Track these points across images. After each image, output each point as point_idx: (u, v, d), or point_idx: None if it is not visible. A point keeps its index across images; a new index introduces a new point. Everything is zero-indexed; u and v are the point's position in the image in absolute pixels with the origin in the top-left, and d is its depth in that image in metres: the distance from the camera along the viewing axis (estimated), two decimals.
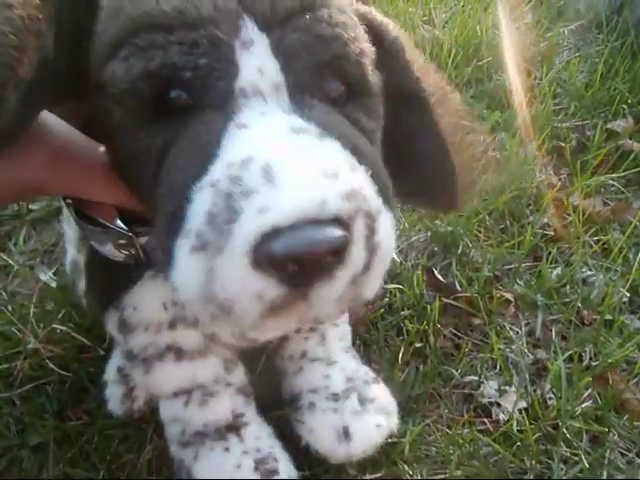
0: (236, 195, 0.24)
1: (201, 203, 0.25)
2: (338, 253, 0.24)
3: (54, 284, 0.60)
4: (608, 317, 0.66)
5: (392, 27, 0.35)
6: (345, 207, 0.24)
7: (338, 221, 0.24)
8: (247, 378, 0.48)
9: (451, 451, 0.51)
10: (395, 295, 0.65)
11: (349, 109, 0.30)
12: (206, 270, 0.24)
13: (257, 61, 0.27)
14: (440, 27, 1.18)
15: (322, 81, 0.29)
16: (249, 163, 0.24)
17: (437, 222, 0.75)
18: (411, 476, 0.49)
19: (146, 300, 0.41)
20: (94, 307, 0.48)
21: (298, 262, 0.23)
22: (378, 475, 0.48)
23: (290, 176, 0.24)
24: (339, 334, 0.52)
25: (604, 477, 0.52)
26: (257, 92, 0.27)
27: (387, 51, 0.34)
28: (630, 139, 0.91)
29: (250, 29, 0.27)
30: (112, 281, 0.41)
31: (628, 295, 0.69)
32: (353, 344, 0.60)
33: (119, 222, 0.35)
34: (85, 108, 0.31)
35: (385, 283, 0.66)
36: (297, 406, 0.49)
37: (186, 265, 0.25)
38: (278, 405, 0.51)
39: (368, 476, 0.48)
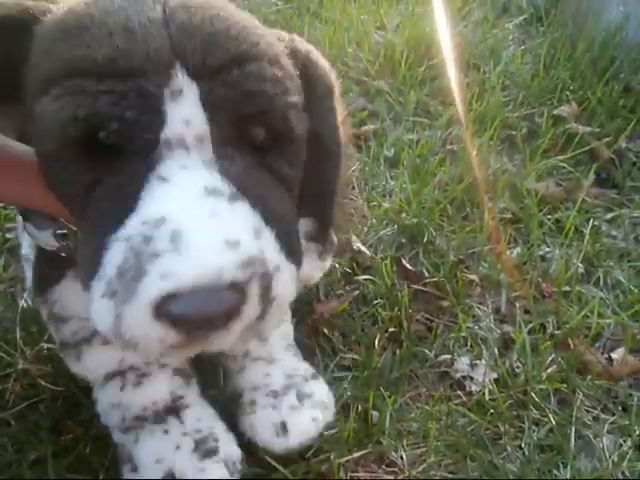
0: (145, 256, 0.27)
1: (114, 255, 0.28)
2: (230, 313, 0.28)
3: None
4: (566, 288, 0.71)
5: (328, 71, 0.38)
6: (240, 275, 0.27)
7: (234, 286, 0.27)
8: (186, 361, 0.50)
9: (430, 425, 0.54)
10: (368, 287, 0.69)
11: (271, 156, 0.32)
12: (115, 314, 0.28)
13: (184, 112, 0.29)
14: (392, 31, 1.24)
15: (247, 131, 0.31)
16: (161, 225, 0.27)
17: (403, 215, 0.80)
18: (395, 451, 0.52)
19: (71, 298, 0.43)
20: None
21: (193, 321, 0.27)
22: (364, 451, 0.51)
23: (194, 245, 0.27)
24: (281, 333, 0.54)
25: (572, 434, 0.56)
26: (181, 143, 0.29)
27: (317, 95, 0.37)
28: (575, 123, 0.97)
29: (180, 79, 0.28)
30: (43, 274, 0.44)
31: (583, 267, 0.74)
32: (331, 336, 0.63)
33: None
34: (18, 112, 0.33)
35: (357, 276, 0.70)
36: (239, 403, 0.51)
37: (99, 306, 0.29)
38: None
39: (355, 454, 0.51)
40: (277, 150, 0.32)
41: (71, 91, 0.28)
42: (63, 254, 0.39)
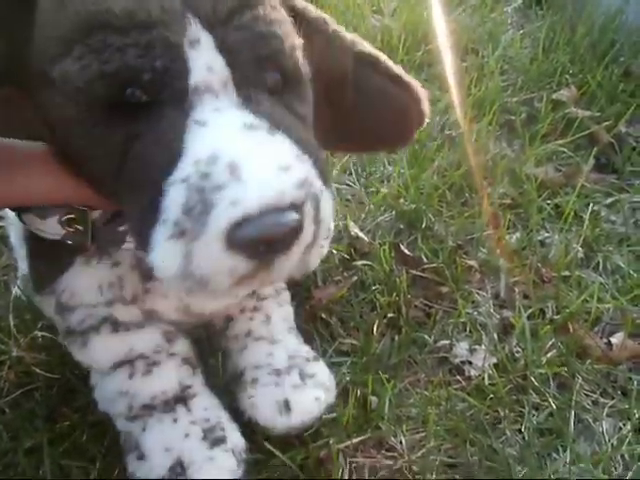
0: (208, 190, 0.27)
1: (176, 196, 0.28)
2: (295, 231, 0.29)
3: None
4: (566, 273, 0.70)
5: (314, 8, 0.40)
6: (298, 195, 0.29)
7: (294, 206, 0.29)
8: (192, 350, 0.49)
9: (429, 410, 0.54)
10: (366, 273, 0.68)
11: (286, 98, 0.33)
12: (184, 253, 0.28)
13: (205, 59, 0.29)
14: (389, 16, 1.22)
15: (263, 73, 0.32)
16: (215, 160, 0.28)
17: (401, 201, 0.79)
18: (394, 436, 0.52)
19: (80, 285, 0.42)
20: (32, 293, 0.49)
21: (266, 242, 0.28)
22: (363, 437, 0.51)
23: (253, 172, 0.28)
24: (283, 315, 0.54)
25: (572, 418, 0.56)
26: (209, 89, 0.30)
27: (316, 28, 0.39)
28: (575, 107, 0.97)
29: (195, 28, 0.29)
30: (44, 267, 0.43)
31: (582, 251, 0.73)
32: (330, 322, 0.63)
33: None
34: (15, 102, 0.32)
35: (355, 261, 0.69)
36: (240, 382, 0.50)
37: (165, 249, 0.29)
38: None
39: (354, 439, 0.51)
40: (290, 91, 0.34)
41: (95, 48, 0.28)
42: (69, 242, 0.38)
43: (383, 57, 0.42)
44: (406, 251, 0.71)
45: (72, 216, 0.37)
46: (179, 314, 0.46)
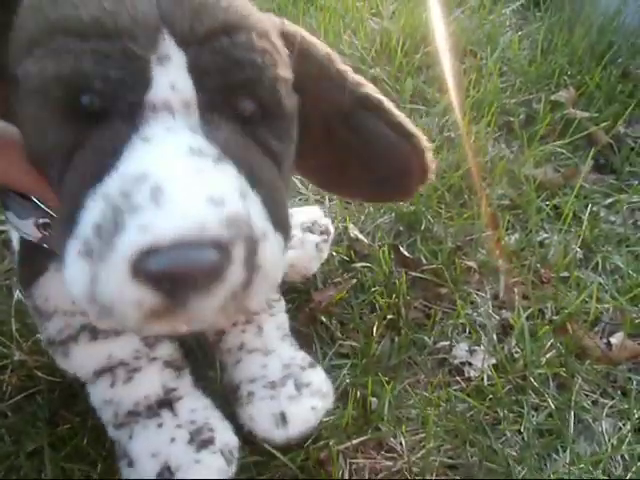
0: (123, 210, 0.25)
1: (92, 212, 0.27)
2: (212, 273, 0.26)
3: None
4: (565, 274, 0.70)
5: (320, 45, 0.38)
6: (223, 232, 0.26)
7: (216, 244, 0.25)
8: (177, 352, 0.49)
9: (429, 411, 0.54)
10: (365, 275, 0.69)
11: (259, 130, 0.31)
12: (90, 275, 0.26)
13: (171, 77, 0.28)
14: (388, 18, 1.22)
15: (234, 101, 0.30)
16: (141, 180, 0.26)
17: (400, 203, 0.79)
18: (394, 437, 0.52)
19: (54, 291, 0.42)
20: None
21: (174, 279, 0.25)
22: (363, 438, 0.51)
23: (176, 199, 0.25)
24: (276, 323, 0.54)
25: (571, 418, 0.56)
26: (167, 107, 0.28)
27: (319, 67, 0.37)
28: (573, 108, 0.97)
29: (167, 45, 0.28)
30: (26, 267, 0.43)
31: (581, 252, 0.74)
32: (329, 324, 0.63)
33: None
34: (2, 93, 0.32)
35: (354, 263, 0.70)
36: (237, 396, 0.50)
37: (73, 267, 0.27)
38: None
39: (354, 440, 0.51)
40: (266, 124, 0.32)
41: (55, 51, 0.27)
42: (45, 245, 0.38)
43: (388, 103, 0.40)
44: (405, 253, 0.71)
45: (47, 221, 0.36)
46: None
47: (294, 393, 0.50)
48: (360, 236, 0.73)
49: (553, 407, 0.56)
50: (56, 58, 0.27)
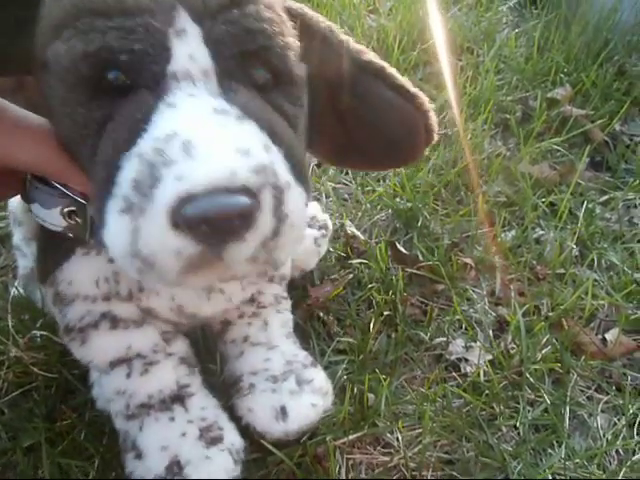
0: (158, 164, 0.27)
1: (128, 171, 0.28)
2: (245, 217, 0.28)
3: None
4: (560, 271, 0.71)
5: (322, 18, 0.39)
6: (253, 179, 0.28)
7: (246, 191, 0.27)
8: (190, 350, 0.50)
9: (425, 407, 0.54)
10: (362, 271, 0.69)
11: (273, 95, 0.33)
12: (131, 229, 0.28)
13: (188, 48, 0.30)
14: (385, 15, 1.22)
15: (249, 69, 0.32)
16: (172, 138, 0.28)
17: (397, 200, 0.79)
18: (391, 433, 0.53)
19: (78, 275, 0.43)
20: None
21: (209, 224, 0.27)
22: (360, 433, 0.52)
23: (206, 150, 0.27)
24: (281, 321, 0.54)
25: (567, 413, 0.56)
26: (187, 76, 0.30)
27: (322, 38, 0.38)
28: (569, 105, 0.97)
29: (183, 19, 0.30)
30: (48, 256, 0.44)
31: (577, 249, 0.74)
32: (326, 320, 0.63)
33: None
34: (31, 86, 0.34)
35: (351, 260, 0.70)
36: (237, 388, 0.51)
37: (114, 225, 0.29)
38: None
39: (351, 436, 0.51)
40: (279, 90, 0.34)
41: (81, 30, 0.29)
42: (70, 234, 0.38)
43: (390, 68, 0.41)
44: (402, 249, 0.71)
45: (73, 209, 0.37)
46: (173, 314, 0.46)
47: (295, 388, 0.50)
48: (357, 233, 0.73)
49: (549, 402, 0.56)
50: (83, 37, 0.29)
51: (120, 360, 0.45)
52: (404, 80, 0.42)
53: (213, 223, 0.27)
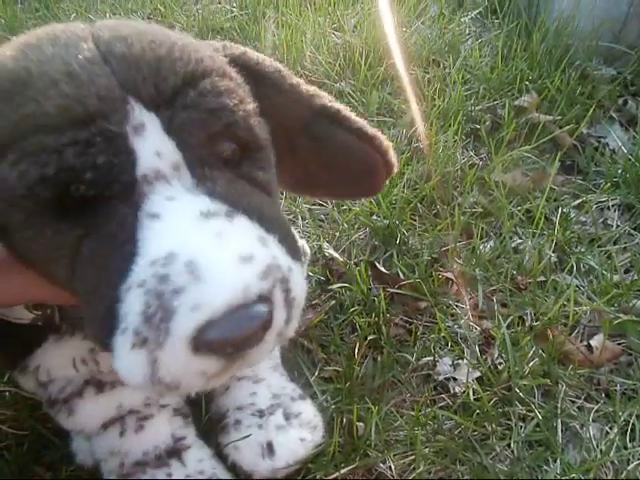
0: (167, 294, 0.26)
1: (133, 303, 0.26)
2: (266, 324, 0.28)
3: None
4: (541, 278, 0.71)
5: (269, 62, 0.38)
6: (264, 285, 0.27)
7: (262, 298, 0.27)
8: (182, 399, 0.48)
9: (417, 431, 0.53)
10: (343, 294, 0.67)
11: (245, 168, 0.32)
12: (150, 362, 0.27)
13: (152, 144, 0.28)
14: (350, 32, 1.23)
15: (216, 147, 0.30)
16: (172, 260, 0.26)
17: (374, 217, 0.78)
18: (383, 462, 0.51)
19: (54, 360, 0.41)
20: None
21: (234, 343, 0.27)
22: (351, 466, 0.50)
23: (213, 269, 0.26)
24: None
25: (559, 426, 0.55)
26: (159, 176, 0.28)
27: (272, 85, 0.37)
28: (537, 112, 0.98)
29: (138, 112, 0.27)
30: (15, 344, 0.41)
31: (555, 255, 0.74)
32: (310, 348, 0.61)
33: None
34: None
35: (332, 284, 0.68)
36: (223, 424, 0.49)
37: (129, 359, 0.27)
38: None
39: (342, 470, 0.49)
40: (249, 159, 0.32)
41: (31, 151, 0.26)
42: (39, 324, 0.37)
43: (345, 110, 0.40)
44: (382, 269, 0.70)
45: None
46: None
47: (283, 423, 0.48)
48: (335, 255, 0.72)
49: (540, 417, 0.56)
50: (35, 159, 0.26)
51: (112, 420, 0.43)
52: (360, 122, 0.41)
53: (237, 342, 0.27)
